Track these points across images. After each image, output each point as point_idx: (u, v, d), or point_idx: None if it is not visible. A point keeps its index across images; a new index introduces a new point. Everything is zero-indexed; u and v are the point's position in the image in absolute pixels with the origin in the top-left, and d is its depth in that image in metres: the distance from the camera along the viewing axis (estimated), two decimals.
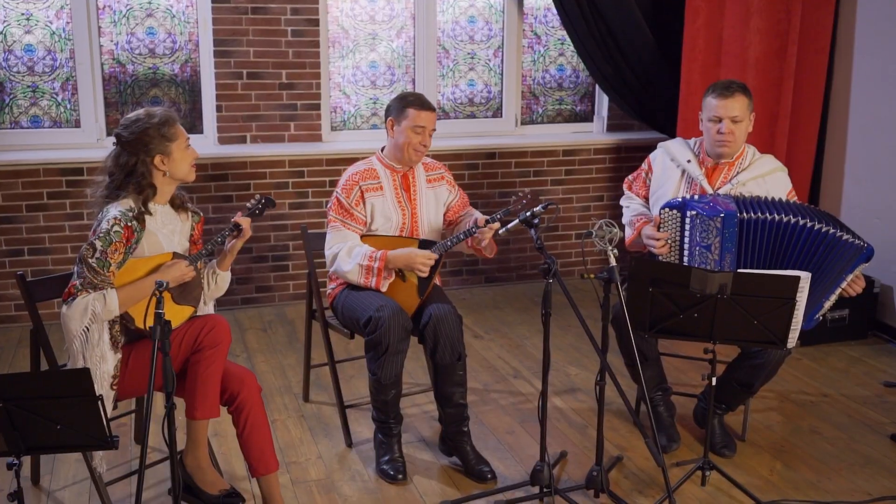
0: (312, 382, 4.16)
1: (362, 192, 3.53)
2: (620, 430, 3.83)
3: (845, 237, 3.31)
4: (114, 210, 2.94)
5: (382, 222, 3.56)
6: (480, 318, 5.22)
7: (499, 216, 3.40)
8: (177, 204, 3.14)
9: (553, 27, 5.86)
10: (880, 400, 4.16)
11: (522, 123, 5.93)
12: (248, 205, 3.20)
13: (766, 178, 3.59)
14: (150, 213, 3.01)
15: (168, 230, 3.08)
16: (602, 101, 6.01)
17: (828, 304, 3.39)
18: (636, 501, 3.27)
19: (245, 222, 3.13)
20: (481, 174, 5.63)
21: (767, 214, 3.35)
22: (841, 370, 4.50)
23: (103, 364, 2.89)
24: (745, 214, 3.36)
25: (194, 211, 3.23)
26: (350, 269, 3.45)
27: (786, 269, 3.32)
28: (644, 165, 3.80)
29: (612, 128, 6.02)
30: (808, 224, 3.32)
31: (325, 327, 3.77)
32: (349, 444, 3.68)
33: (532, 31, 5.84)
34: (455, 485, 3.39)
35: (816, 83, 5.18)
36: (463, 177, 5.57)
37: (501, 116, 5.88)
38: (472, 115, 5.85)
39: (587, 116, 6.09)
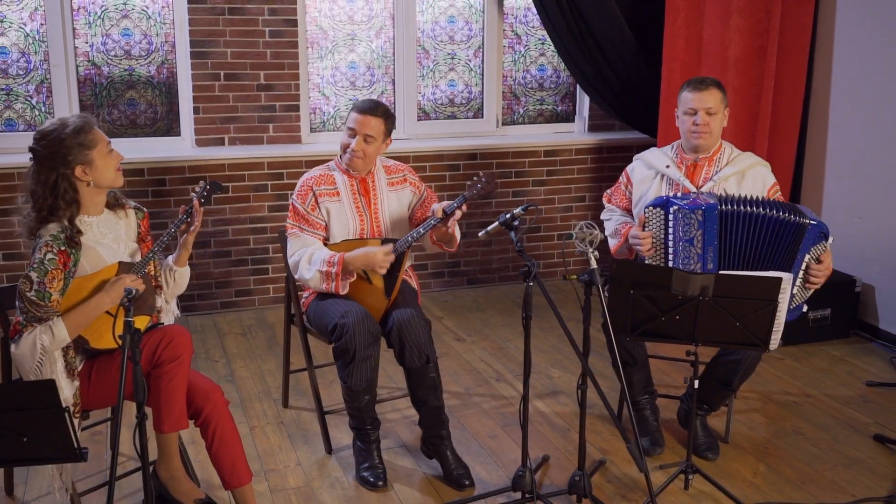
0: (292, 388, 4.11)
1: (316, 197, 3.48)
2: (603, 433, 3.79)
3: (793, 218, 3.32)
4: (45, 236, 2.78)
5: (339, 228, 3.50)
6: (463, 321, 5.17)
7: (456, 205, 3.35)
8: (112, 205, 2.98)
9: (533, 27, 5.83)
10: (863, 400, 4.14)
11: (503, 124, 5.89)
12: (194, 192, 3.04)
13: (745, 173, 3.60)
14: (82, 232, 2.83)
15: (110, 239, 2.94)
16: (583, 101, 5.99)
17: (797, 291, 3.38)
18: None
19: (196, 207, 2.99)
20: (462, 175, 5.59)
21: (745, 207, 3.36)
22: (823, 370, 4.48)
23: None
24: (725, 207, 3.37)
25: (137, 207, 3.08)
26: (310, 276, 3.40)
27: (762, 260, 3.35)
28: (622, 178, 3.79)
29: (593, 128, 6.00)
30: (776, 215, 3.34)
31: (303, 332, 3.71)
32: (329, 450, 3.63)
33: (512, 31, 5.81)
34: (436, 491, 3.34)
35: (796, 82, 5.17)
36: (444, 178, 5.53)
37: (482, 117, 5.84)
38: (453, 116, 5.81)
39: (568, 116, 6.06)
